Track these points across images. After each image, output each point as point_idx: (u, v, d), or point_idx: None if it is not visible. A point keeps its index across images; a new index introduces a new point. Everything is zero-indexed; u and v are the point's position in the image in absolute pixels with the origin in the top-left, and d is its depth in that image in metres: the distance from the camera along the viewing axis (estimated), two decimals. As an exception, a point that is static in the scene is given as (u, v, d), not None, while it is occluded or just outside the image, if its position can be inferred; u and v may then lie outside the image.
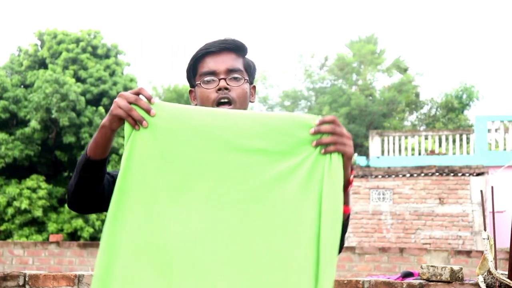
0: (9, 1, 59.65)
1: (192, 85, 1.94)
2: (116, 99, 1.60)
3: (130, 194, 1.55)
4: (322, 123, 1.59)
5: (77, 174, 1.73)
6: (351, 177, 1.67)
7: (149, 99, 1.59)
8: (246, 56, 1.96)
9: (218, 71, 1.85)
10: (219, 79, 1.84)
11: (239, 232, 1.52)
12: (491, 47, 56.57)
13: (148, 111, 1.58)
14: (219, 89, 1.83)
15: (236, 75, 1.86)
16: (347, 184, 1.64)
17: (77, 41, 20.76)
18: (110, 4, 63.66)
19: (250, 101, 1.95)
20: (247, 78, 1.91)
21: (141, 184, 1.55)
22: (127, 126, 1.59)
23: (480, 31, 58.06)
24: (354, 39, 33.92)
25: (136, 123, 1.58)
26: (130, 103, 1.58)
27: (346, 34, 59.77)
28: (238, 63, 1.89)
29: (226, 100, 1.83)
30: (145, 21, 61.17)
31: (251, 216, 1.53)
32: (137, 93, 1.61)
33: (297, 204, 1.54)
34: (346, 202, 1.66)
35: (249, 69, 1.94)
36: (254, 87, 1.99)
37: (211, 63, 1.86)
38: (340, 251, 1.74)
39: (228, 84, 1.84)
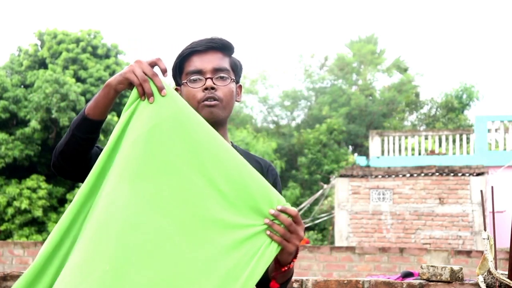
0: (9, 1, 59.66)
1: (178, 83, 1.93)
2: (134, 64, 1.61)
3: (110, 160, 1.59)
4: (283, 211, 1.58)
5: (70, 132, 1.71)
6: (292, 263, 1.67)
7: (164, 71, 1.62)
8: (233, 56, 1.94)
9: (204, 70, 1.85)
10: (206, 78, 1.84)
11: (167, 239, 1.54)
12: (491, 47, 56.59)
13: (160, 90, 1.60)
14: (206, 89, 1.83)
15: (222, 75, 1.86)
16: (285, 264, 1.65)
17: (77, 41, 20.77)
18: (110, 4, 63.67)
19: (236, 100, 1.93)
20: (234, 78, 1.90)
21: (119, 153, 1.59)
22: (134, 92, 1.60)
23: (480, 31, 58.09)
24: (354, 39, 33.94)
25: (144, 94, 1.59)
26: (146, 74, 1.60)
27: (346, 34, 59.80)
28: (225, 63, 1.88)
29: (212, 100, 1.83)
30: (145, 21, 61.18)
31: (176, 234, 1.55)
32: (154, 64, 1.62)
33: (219, 258, 1.55)
34: (278, 280, 1.68)
35: (236, 68, 1.92)
36: (241, 86, 1.97)
37: (197, 62, 1.85)
38: None
39: (214, 84, 1.84)
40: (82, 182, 1.69)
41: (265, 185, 1.61)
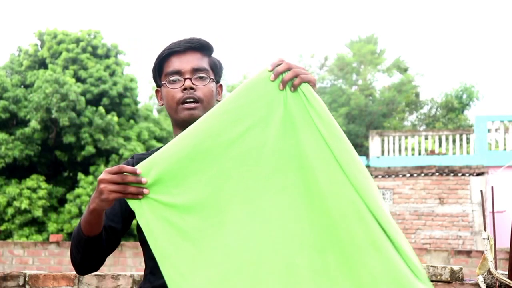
0: (9, 1, 59.65)
1: (158, 84, 1.93)
2: (102, 185, 1.55)
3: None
4: (275, 66, 1.58)
5: (80, 250, 1.73)
6: None
7: (133, 173, 1.54)
8: (213, 56, 1.94)
9: (183, 71, 1.84)
10: (185, 79, 1.84)
11: (295, 217, 1.50)
12: (491, 47, 56.57)
13: (139, 182, 1.53)
14: (185, 89, 1.83)
15: (201, 74, 1.85)
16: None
17: (77, 41, 20.76)
18: (110, 4, 63.66)
19: (217, 100, 1.92)
20: (213, 78, 1.89)
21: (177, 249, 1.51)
22: (131, 202, 1.55)
23: (480, 31, 58.08)
24: (354, 39, 33.93)
25: (137, 195, 1.54)
26: (118, 183, 1.54)
27: (346, 34, 59.80)
28: (204, 62, 1.87)
29: (191, 100, 1.82)
30: (145, 21, 61.18)
31: (296, 195, 1.52)
32: (119, 172, 1.55)
33: (314, 151, 1.52)
34: None
35: (215, 68, 1.92)
36: (221, 85, 1.96)
37: (176, 63, 1.85)
38: None
39: (193, 84, 1.83)
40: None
41: (244, 85, 1.59)
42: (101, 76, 19.86)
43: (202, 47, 1.89)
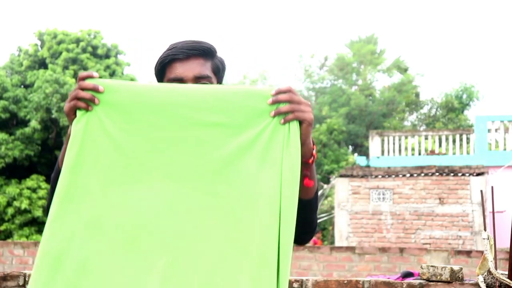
0: (9, 1, 59.62)
1: None
2: (65, 103, 1.60)
3: (83, 175, 1.53)
4: (278, 93, 1.57)
5: (52, 188, 1.69)
6: (314, 151, 1.64)
7: (90, 76, 1.57)
8: (215, 56, 1.95)
9: (186, 79, 1.84)
10: None
11: (199, 207, 1.51)
12: (491, 47, 56.57)
13: (95, 89, 1.56)
14: None
15: (203, 82, 1.85)
16: (309, 156, 1.62)
17: (77, 41, 20.77)
18: (110, 4, 63.65)
19: None
20: (215, 83, 1.90)
21: (95, 165, 1.53)
22: (78, 113, 1.56)
23: (480, 31, 58.07)
24: (354, 39, 33.94)
25: (88, 104, 1.57)
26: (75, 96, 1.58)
27: (346, 34, 59.79)
28: (206, 69, 1.87)
29: None
30: (145, 21, 61.17)
31: (211, 190, 1.52)
32: (81, 79, 1.59)
33: (256, 176, 1.53)
34: (310, 176, 1.65)
35: (218, 72, 1.92)
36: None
37: (178, 70, 1.85)
38: (313, 231, 1.74)
39: None
40: None
41: (245, 89, 1.59)
42: (101, 76, 19.81)
43: (204, 53, 1.89)
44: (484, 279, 3.80)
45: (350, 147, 29.72)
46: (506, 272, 3.78)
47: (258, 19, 59.98)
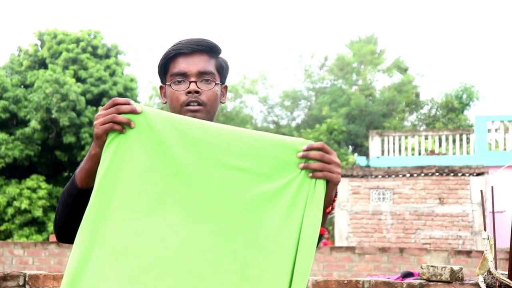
0: (9, 1, 59.63)
1: (163, 81, 1.93)
2: (95, 122, 1.57)
3: (111, 199, 1.52)
4: (310, 149, 1.58)
5: (67, 206, 1.67)
6: (334, 203, 1.66)
7: (127, 103, 1.57)
8: (220, 56, 1.93)
9: (189, 73, 1.84)
10: (190, 82, 1.83)
11: (213, 250, 1.51)
12: (491, 47, 56.58)
13: (133, 112, 1.55)
14: (189, 92, 1.82)
15: (207, 78, 1.85)
16: (328, 205, 1.63)
17: (77, 41, 20.78)
18: (110, 4, 63.67)
19: (221, 102, 1.92)
20: (218, 82, 1.89)
21: (122, 190, 1.52)
22: (110, 135, 1.54)
23: (480, 31, 58.08)
24: (354, 39, 33.94)
25: (123, 127, 1.55)
26: (109, 114, 1.56)
27: (346, 34, 59.80)
28: (210, 65, 1.87)
29: (195, 104, 1.82)
30: (145, 21, 61.18)
31: (229, 233, 1.52)
32: (113, 105, 1.58)
33: (276, 230, 1.53)
34: (324, 223, 1.66)
35: (221, 70, 1.91)
36: (226, 87, 1.96)
37: (182, 64, 1.84)
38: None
39: (198, 87, 1.83)
40: None
41: (277, 138, 1.58)
42: (101, 76, 19.86)
43: (209, 49, 1.88)
44: (484, 279, 3.80)
45: (350, 147, 29.72)
46: (506, 272, 3.78)
47: (258, 19, 60.01)
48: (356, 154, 28.28)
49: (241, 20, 59.84)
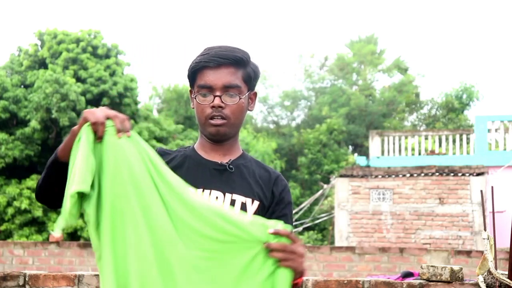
0: (9, 1, 59.66)
1: (192, 88, 1.97)
2: (98, 110, 1.65)
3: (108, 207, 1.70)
4: (275, 234, 1.62)
5: (46, 170, 1.80)
6: (301, 277, 1.71)
7: (128, 130, 1.66)
8: (249, 64, 1.95)
9: (214, 87, 1.87)
10: (214, 96, 1.87)
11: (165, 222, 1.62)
12: (491, 47, 56.58)
13: (126, 130, 1.64)
14: (213, 106, 1.87)
15: (232, 92, 1.88)
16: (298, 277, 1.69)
17: (77, 41, 20.77)
18: (110, 4, 63.67)
19: (249, 109, 1.97)
20: (245, 94, 1.92)
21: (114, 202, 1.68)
22: (89, 131, 1.63)
23: (480, 31, 58.08)
24: (354, 39, 33.92)
25: (119, 131, 1.63)
26: (107, 118, 1.64)
27: (346, 34, 59.82)
28: (236, 78, 1.89)
29: (219, 118, 1.88)
30: (145, 21, 61.20)
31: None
32: (115, 116, 1.67)
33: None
34: None
35: (249, 80, 1.94)
36: (255, 93, 1.99)
37: (208, 77, 1.88)
38: None
39: (222, 101, 1.87)
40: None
41: (246, 222, 1.62)
42: (101, 76, 19.86)
43: (236, 62, 1.90)
44: (484, 279, 3.80)
45: (350, 147, 29.72)
46: (506, 272, 3.78)
47: (258, 19, 60.01)
48: (356, 154, 28.27)
49: (241, 20, 59.85)
